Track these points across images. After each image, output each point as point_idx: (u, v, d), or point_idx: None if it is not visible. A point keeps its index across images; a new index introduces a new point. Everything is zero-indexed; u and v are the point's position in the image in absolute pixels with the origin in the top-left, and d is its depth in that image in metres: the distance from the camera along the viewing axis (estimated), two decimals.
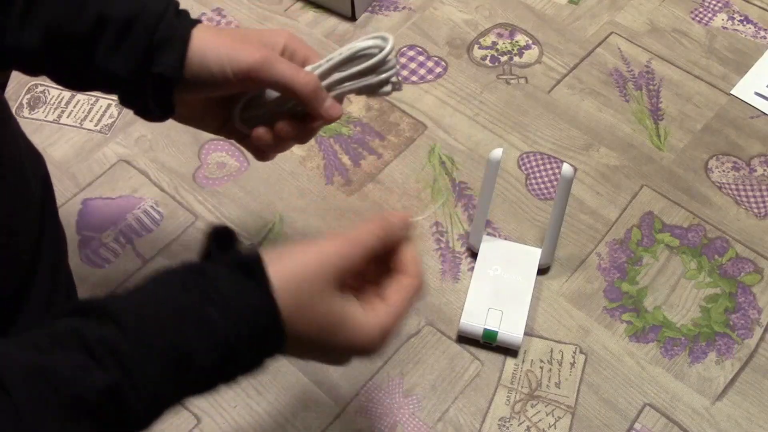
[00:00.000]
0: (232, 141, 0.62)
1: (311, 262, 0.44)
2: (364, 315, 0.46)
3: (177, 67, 0.51)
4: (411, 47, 0.96)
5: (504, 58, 0.95)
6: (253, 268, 0.43)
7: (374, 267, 0.50)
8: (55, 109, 0.90)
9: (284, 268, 0.44)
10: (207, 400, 0.70)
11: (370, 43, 0.53)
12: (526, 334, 0.74)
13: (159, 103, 0.54)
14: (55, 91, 0.92)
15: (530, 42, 0.97)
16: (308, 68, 0.55)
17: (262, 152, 0.60)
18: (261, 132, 0.56)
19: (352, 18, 0.98)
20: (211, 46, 0.51)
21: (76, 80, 0.53)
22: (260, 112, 0.57)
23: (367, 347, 0.47)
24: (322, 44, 0.96)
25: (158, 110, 0.54)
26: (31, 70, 0.54)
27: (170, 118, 0.56)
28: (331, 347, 0.46)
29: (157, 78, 0.51)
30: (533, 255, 0.77)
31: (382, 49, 0.53)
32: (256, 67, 0.51)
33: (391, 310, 0.48)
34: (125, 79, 0.52)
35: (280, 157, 0.85)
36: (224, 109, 0.58)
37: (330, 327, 0.45)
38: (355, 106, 0.90)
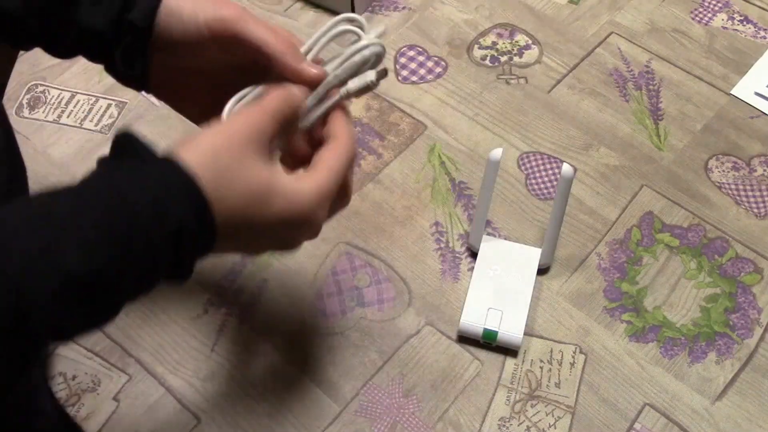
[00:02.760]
0: None
1: (220, 136, 0.43)
2: (295, 180, 0.45)
3: (147, 16, 0.49)
4: (411, 47, 0.96)
5: (504, 58, 0.95)
6: (154, 153, 0.41)
7: (309, 147, 0.49)
8: (55, 109, 0.90)
9: (194, 147, 0.42)
10: (207, 400, 0.70)
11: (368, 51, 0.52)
12: (526, 334, 0.74)
13: (132, 60, 0.52)
14: (55, 91, 0.92)
15: (530, 42, 0.97)
16: None
17: None
18: None
19: None
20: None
21: (58, 42, 0.52)
22: None
23: (307, 213, 0.45)
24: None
25: (131, 68, 0.52)
26: (14, 35, 0.52)
27: (147, 86, 0.54)
28: (267, 223, 0.44)
29: (131, 30, 0.50)
30: (533, 255, 0.77)
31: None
32: (232, 20, 0.49)
33: (324, 172, 0.46)
34: (103, 32, 0.50)
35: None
36: (207, 95, 0.56)
37: (259, 195, 0.43)
38: (355, 106, 0.90)
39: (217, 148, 0.42)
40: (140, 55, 0.52)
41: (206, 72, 0.54)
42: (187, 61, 0.53)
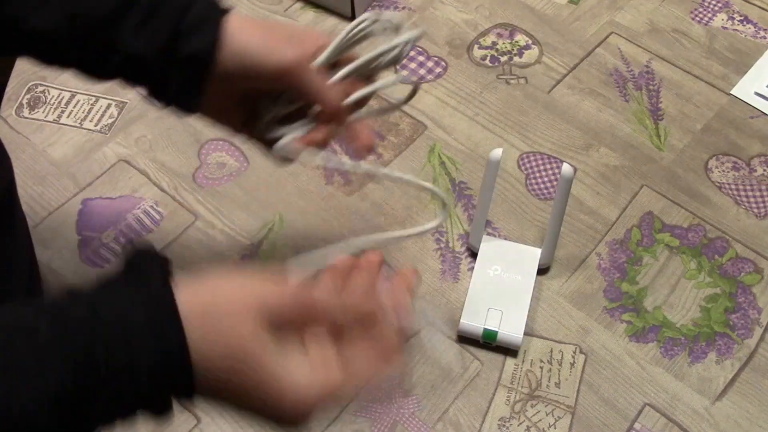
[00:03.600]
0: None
1: (229, 288, 0.39)
2: (303, 371, 0.38)
3: (210, 50, 0.49)
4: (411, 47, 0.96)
5: (504, 58, 0.95)
6: (147, 276, 0.38)
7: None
8: (55, 109, 0.90)
9: (194, 287, 0.38)
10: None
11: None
12: (526, 334, 0.74)
13: (185, 91, 0.51)
14: (55, 91, 0.92)
15: (530, 42, 0.97)
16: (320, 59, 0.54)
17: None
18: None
19: (352, 18, 0.98)
20: (248, 36, 0.50)
21: (98, 66, 0.51)
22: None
23: (294, 413, 0.38)
24: None
25: (184, 98, 0.52)
26: (51, 57, 0.51)
27: (198, 109, 0.53)
28: (249, 396, 0.39)
29: (186, 62, 0.49)
30: (533, 255, 0.77)
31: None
32: (294, 68, 0.51)
33: (344, 372, 0.39)
34: (150, 61, 0.49)
35: None
36: (249, 106, 0.56)
37: (245, 368, 0.37)
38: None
39: (215, 300, 0.38)
40: (198, 86, 0.51)
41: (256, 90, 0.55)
42: (243, 87, 0.53)
